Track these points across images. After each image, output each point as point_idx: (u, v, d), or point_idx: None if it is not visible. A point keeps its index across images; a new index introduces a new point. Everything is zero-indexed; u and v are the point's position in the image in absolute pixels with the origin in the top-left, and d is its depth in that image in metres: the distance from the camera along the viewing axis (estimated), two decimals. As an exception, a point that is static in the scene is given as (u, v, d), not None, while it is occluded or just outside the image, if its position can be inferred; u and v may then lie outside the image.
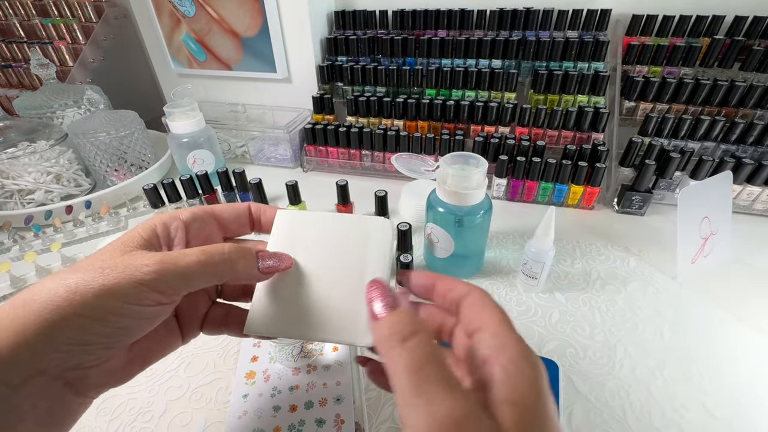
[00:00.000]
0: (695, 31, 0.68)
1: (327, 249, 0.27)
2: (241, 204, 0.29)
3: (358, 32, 0.81)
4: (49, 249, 0.56)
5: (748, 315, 0.44)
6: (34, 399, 0.19)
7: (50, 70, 0.74)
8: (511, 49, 0.71)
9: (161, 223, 0.25)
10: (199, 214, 0.27)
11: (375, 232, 0.28)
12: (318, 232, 0.28)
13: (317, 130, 0.72)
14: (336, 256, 0.27)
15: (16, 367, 0.18)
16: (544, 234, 0.43)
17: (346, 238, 0.28)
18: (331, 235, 0.28)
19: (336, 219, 0.29)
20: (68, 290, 0.19)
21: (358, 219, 0.28)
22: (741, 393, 0.36)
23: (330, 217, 0.29)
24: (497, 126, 0.69)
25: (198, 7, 0.78)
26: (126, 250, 0.23)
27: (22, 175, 0.63)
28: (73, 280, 0.20)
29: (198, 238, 0.27)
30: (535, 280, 0.46)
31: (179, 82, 0.91)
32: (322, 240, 0.28)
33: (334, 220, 0.28)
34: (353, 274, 0.26)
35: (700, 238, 0.48)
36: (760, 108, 0.63)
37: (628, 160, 0.62)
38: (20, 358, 0.18)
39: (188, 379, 0.39)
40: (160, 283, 0.21)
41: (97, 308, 0.20)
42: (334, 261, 0.27)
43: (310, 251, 0.27)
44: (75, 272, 0.20)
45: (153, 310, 0.22)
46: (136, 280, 0.20)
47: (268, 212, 0.29)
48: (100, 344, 0.21)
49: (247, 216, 0.29)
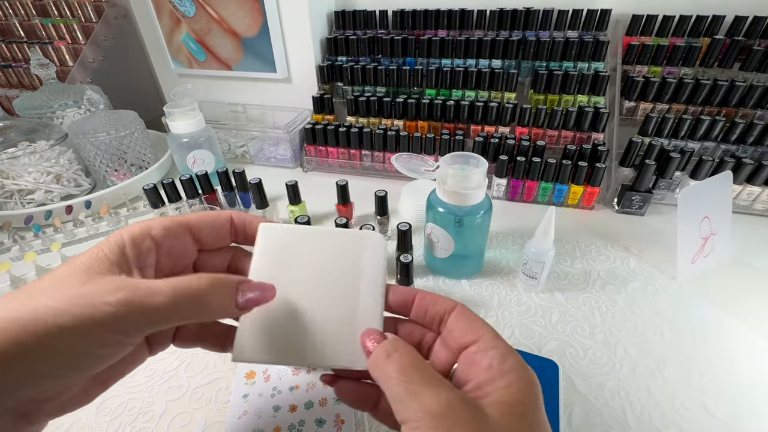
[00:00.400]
0: (695, 31, 0.68)
1: (318, 267, 0.26)
2: (222, 213, 0.27)
3: (358, 32, 0.81)
4: (49, 249, 0.56)
5: (748, 315, 0.44)
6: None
7: (50, 70, 0.74)
8: (511, 49, 0.71)
9: (130, 241, 0.22)
10: (173, 229, 0.24)
11: (367, 249, 0.27)
12: (307, 249, 0.26)
13: (317, 130, 0.72)
14: (328, 275, 0.26)
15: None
16: (544, 234, 0.43)
17: (337, 255, 0.26)
18: (322, 252, 0.26)
19: (325, 234, 0.27)
20: (21, 325, 0.17)
21: (349, 234, 0.27)
22: (741, 393, 0.36)
23: (318, 233, 0.27)
24: (497, 126, 0.69)
25: (198, 7, 0.78)
26: (89, 275, 0.20)
27: (22, 175, 0.63)
28: (28, 312, 0.17)
29: (170, 254, 0.24)
30: (535, 280, 0.46)
31: (179, 82, 0.91)
32: (312, 258, 0.26)
33: (323, 236, 0.27)
34: (347, 295, 0.25)
35: (700, 238, 0.48)
36: (760, 108, 0.63)
37: (628, 160, 0.62)
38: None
39: (188, 379, 0.39)
40: (123, 325, 0.19)
41: (51, 348, 0.17)
42: (326, 281, 0.26)
43: (300, 270, 0.26)
44: (29, 298, 0.18)
45: (115, 350, 0.20)
46: (97, 321, 0.18)
47: (254, 223, 0.27)
48: (56, 379, 0.19)
49: (228, 228, 0.27)
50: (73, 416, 0.36)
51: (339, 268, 0.26)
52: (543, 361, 0.38)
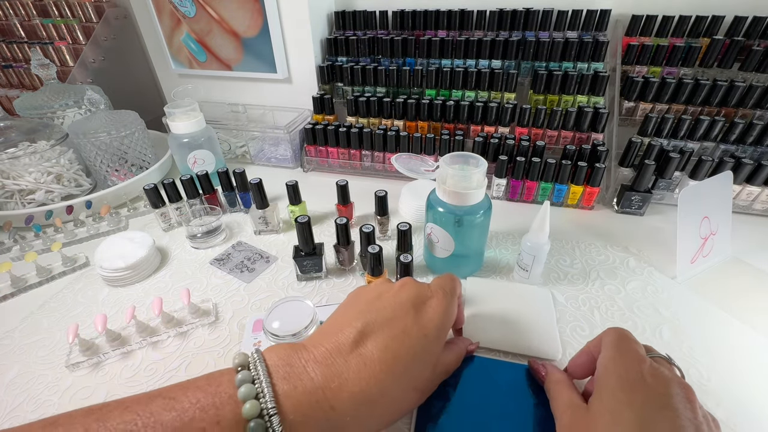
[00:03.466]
0: (695, 32, 0.68)
1: (509, 303, 0.45)
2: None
3: (358, 32, 0.81)
4: (49, 249, 0.56)
5: (747, 315, 0.44)
6: None
7: (51, 70, 0.75)
8: (511, 49, 0.72)
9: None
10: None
11: (538, 293, 0.46)
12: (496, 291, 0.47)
13: (317, 130, 0.73)
14: (518, 307, 0.44)
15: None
16: (540, 228, 0.43)
17: (521, 297, 0.46)
18: (507, 292, 0.47)
19: (505, 285, 0.48)
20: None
21: (526, 287, 0.47)
22: (741, 392, 0.36)
23: (501, 284, 0.48)
24: (497, 126, 0.69)
25: (198, 7, 0.78)
26: (436, 363, 0.31)
27: (22, 175, 0.63)
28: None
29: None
30: (526, 272, 0.47)
31: (180, 83, 0.91)
32: (500, 296, 0.46)
33: (504, 286, 0.48)
34: (530, 320, 0.43)
35: (699, 238, 0.48)
36: (759, 108, 0.63)
37: (628, 160, 0.62)
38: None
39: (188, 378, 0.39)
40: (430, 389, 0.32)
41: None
42: (518, 310, 0.44)
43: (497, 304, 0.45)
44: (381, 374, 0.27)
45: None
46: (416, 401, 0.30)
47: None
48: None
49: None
50: (74, 415, 0.36)
51: (522, 304, 0.45)
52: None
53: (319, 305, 0.46)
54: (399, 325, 0.29)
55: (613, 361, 0.27)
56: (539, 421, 0.32)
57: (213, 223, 0.56)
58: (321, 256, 0.49)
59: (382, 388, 0.26)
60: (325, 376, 0.25)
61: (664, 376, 0.26)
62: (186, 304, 0.44)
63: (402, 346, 0.28)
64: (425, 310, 0.30)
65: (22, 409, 0.37)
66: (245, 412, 0.22)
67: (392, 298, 0.31)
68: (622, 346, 0.28)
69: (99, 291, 0.50)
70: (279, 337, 0.36)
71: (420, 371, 0.28)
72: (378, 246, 0.44)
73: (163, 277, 0.52)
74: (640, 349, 0.28)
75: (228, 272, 0.52)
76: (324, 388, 0.24)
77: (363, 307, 0.30)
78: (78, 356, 0.40)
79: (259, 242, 0.58)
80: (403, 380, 0.27)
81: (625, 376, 0.26)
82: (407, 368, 0.27)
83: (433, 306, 0.31)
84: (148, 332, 0.43)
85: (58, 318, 0.47)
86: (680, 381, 0.26)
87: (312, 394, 0.24)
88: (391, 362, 0.27)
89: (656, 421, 0.24)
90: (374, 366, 0.26)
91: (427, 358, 0.29)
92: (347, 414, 0.24)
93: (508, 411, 0.33)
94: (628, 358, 0.27)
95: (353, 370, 0.26)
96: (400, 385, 0.27)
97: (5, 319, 0.47)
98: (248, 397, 0.22)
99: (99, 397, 0.38)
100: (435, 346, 0.30)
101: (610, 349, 0.29)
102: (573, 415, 0.28)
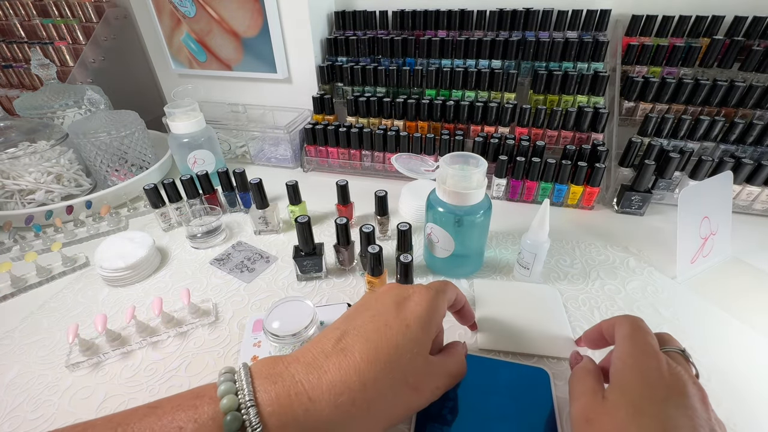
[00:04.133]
0: (695, 32, 0.68)
1: (521, 303, 0.45)
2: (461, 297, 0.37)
3: (358, 32, 0.81)
4: (49, 249, 0.56)
5: (747, 315, 0.44)
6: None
7: (51, 70, 0.75)
8: (511, 49, 0.72)
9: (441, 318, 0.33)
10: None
11: (548, 293, 0.46)
12: (505, 291, 0.47)
13: (317, 130, 0.73)
14: (530, 305, 0.45)
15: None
16: (539, 226, 0.44)
17: (531, 297, 0.46)
18: (519, 293, 0.47)
19: (514, 285, 0.48)
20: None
21: (534, 287, 0.48)
22: (741, 392, 0.36)
23: (509, 285, 0.48)
24: (497, 126, 0.69)
25: (198, 7, 0.78)
26: (428, 358, 0.30)
27: (22, 175, 0.63)
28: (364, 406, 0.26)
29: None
30: (527, 270, 0.47)
31: (180, 83, 0.91)
32: (511, 296, 0.46)
33: (513, 286, 0.48)
34: (545, 319, 0.43)
35: (699, 238, 0.48)
36: (759, 108, 0.63)
37: (628, 160, 0.62)
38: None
39: (188, 378, 0.39)
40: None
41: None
42: (530, 309, 0.45)
43: (508, 306, 0.45)
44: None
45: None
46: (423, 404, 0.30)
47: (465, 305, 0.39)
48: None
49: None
50: (74, 416, 0.36)
51: (534, 304, 0.45)
52: (531, 371, 0.37)
53: (319, 305, 0.46)
54: (381, 319, 0.29)
55: (632, 357, 0.28)
56: (540, 422, 0.32)
57: (213, 223, 0.56)
58: (321, 256, 0.49)
59: (364, 379, 0.26)
60: (306, 372, 0.25)
61: (681, 375, 0.26)
62: (186, 304, 0.44)
63: (383, 337, 0.28)
64: (407, 305, 0.31)
65: (21, 409, 0.37)
66: (222, 407, 0.23)
67: (374, 301, 0.32)
68: (638, 339, 0.29)
69: (99, 291, 0.50)
70: (279, 337, 0.36)
71: (408, 363, 0.28)
72: (378, 246, 0.43)
73: (163, 277, 0.52)
74: (655, 344, 0.29)
75: (228, 272, 0.52)
76: (303, 381, 0.25)
77: (348, 314, 0.31)
78: (78, 356, 0.40)
79: (259, 242, 0.58)
80: (389, 372, 0.27)
81: (645, 372, 0.27)
82: (391, 359, 0.27)
83: (415, 299, 0.31)
84: (148, 332, 0.43)
85: (58, 318, 0.47)
86: (695, 382, 0.27)
87: (291, 387, 0.24)
88: (372, 353, 0.27)
89: (678, 417, 0.24)
90: (354, 356, 0.26)
91: (414, 348, 0.28)
92: (326, 406, 0.24)
93: (508, 411, 0.33)
94: (646, 353, 0.28)
95: (333, 363, 0.26)
96: (387, 377, 0.26)
97: (5, 319, 0.47)
98: (227, 393, 0.23)
99: (99, 397, 0.38)
100: (420, 337, 0.29)
101: (626, 343, 0.29)
102: (589, 402, 0.28)
